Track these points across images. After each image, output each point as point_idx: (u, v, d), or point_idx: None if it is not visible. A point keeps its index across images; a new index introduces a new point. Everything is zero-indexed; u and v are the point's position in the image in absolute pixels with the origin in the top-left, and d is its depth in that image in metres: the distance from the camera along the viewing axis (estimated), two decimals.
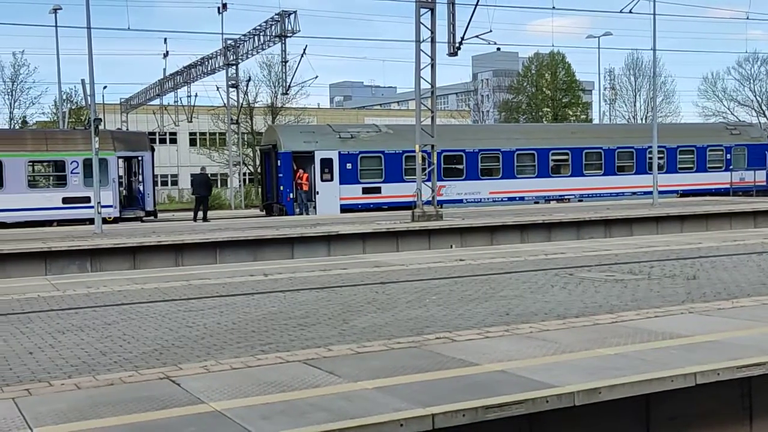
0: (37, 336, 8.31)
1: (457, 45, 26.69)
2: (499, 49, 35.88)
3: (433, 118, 26.81)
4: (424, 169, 26.61)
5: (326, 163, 32.18)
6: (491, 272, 12.86)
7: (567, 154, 36.55)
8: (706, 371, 6.26)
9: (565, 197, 36.43)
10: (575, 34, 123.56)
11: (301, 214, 31.52)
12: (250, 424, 5.15)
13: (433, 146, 26.76)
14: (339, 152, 32.34)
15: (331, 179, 32.21)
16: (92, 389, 6.07)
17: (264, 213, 34.56)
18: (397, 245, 22.70)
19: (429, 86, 26.47)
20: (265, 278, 12.83)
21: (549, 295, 10.28)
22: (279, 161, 32.19)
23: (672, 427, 6.41)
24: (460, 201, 33.40)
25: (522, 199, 35.35)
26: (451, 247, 22.19)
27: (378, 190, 33.01)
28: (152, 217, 31.76)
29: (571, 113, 71.77)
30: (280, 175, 32.23)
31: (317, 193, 32.07)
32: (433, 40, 26.06)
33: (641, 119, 67.55)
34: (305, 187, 31.95)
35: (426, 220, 24.96)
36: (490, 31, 27.70)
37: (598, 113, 70.64)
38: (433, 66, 26.19)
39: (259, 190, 40.20)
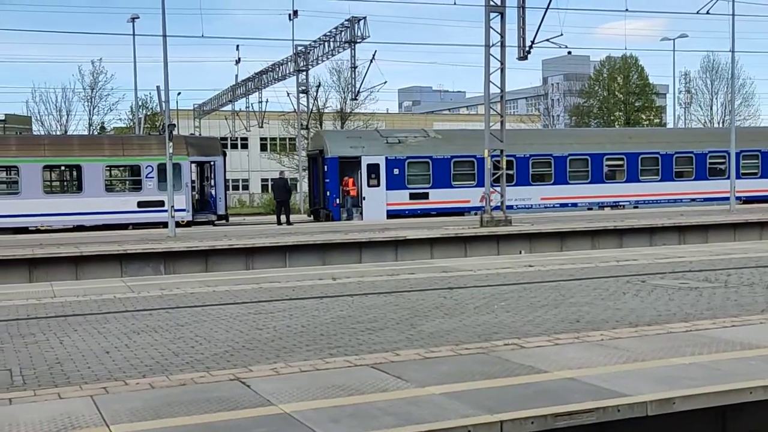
0: (113, 336, 8.54)
1: (527, 49, 26.47)
2: (569, 52, 35.20)
3: (502, 122, 26.63)
4: (493, 174, 26.41)
5: (373, 169, 31.95)
6: (561, 279, 12.71)
7: (622, 159, 35.53)
8: None
9: (620, 204, 35.51)
10: (649, 37, 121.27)
11: (348, 219, 31.48)
12: (319, 426, 5.20)
13: (502, 151, 26.57)
14: (386, 157, 32.09)
15: (378, 185, 31.97)
16: (165, 389, 6.22)
17: (311, 218, 34.68)
18: (465, 250, 22.60)
19: (498, 90, 26.31)
20: (333, 282, 12.92)
21: (620, 303, 10.10)
22: (326, 167, 32.11)
23: None
24: (510, 207, 32.84)
25: (575, 205, 34.51)
26: (520, 252, 21.99)
27: (425, 196, 32.64)
28: (224, 221, 32.31)
29: (644, 117, 70.39)
30: (327, 180, 32.11)
31: (363, 198, 31.86)
32: (502, 45, 25.89)
33: (718, 123, 65.79)
34: (353, 193, 31.86)
35: (494, 225, 24.80)
36: (561, 34, 27.38)
37: (672, 117, 69.13)
38: (502, 70, 26.02)
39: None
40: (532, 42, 26.43)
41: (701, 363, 6.69)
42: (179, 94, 70.11)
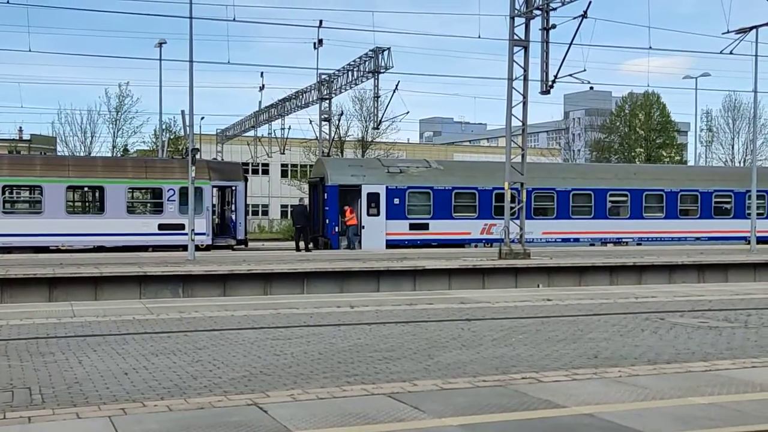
0: (132, 357, 8.58)
1: (549, 83, 26.51)
2: (592, 88, 35.13)
3: (523, 155, 26.66)
4: (512, 208, 26.39)
5: (373, 198, 31.73)
6: (579, 313, 12.65)
7: (626, 195, 35.19)
8: None
9: (623, 240, 35.06)
10: (672, 74, 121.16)
11: (348, 248, 31.10)
12: None
13: (522, 184, 26.56)
14: (386, 187, 31.88)
15: (378, 214, 31.74)
16: (183, 411, 6.23)
17: (312, 245, 34.36)
18: (483, 282, 22.54)
19: (520, 123, 26.37)
20: (351, 310, 12.93)
21: (639, 339, 10.04)
22: (326, 194, 31.91)
23: None
24: (511, 241, 32.49)
25: (576, 240, 34.07)
26: (538, 286, 21.91)
27: (426, 227, 32.34)
28: (243, 246, 32.41)
29: (665, 154, 70.17)
30: (326, 208, 31.88)
31: (363, 227, 31.59)
32: (525, 78, 26.01)
33: (739, 162, 65.47)
34: (350, 222, 31.35)
35: (513, 257, 24.73)
36: (584, 70, 27.38)
37: (693, 155, 68.87)
38: (524, 104, 26.11)
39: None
40: (555, 76, 26.48)
41: (721, 403, 6.63)
42: (203, 118, 70.65)
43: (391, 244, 31.57)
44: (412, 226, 32.27)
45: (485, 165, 40.82)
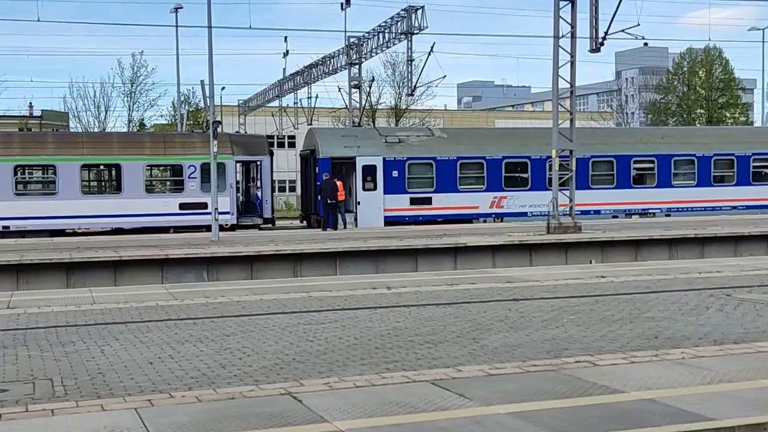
0: (156, 346, 8.72)
1: (600, 40, 26.21)
2: (646, 44, 34.75)
3: (572, 120, 26.45)
4: (560, 177, 26.23)
5: (369, 171, 31.25)
6: (636, 291, 12.58)
7: (652, 161, 34.27)
8: None
9: (650, 211, 34.27)
10: (736, 26, 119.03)
11: (335, 228, 30.67)
12: None
13: (571, 151, 26.36)
14: (384, 158, 31.39)
15: (375, 188, 31.31)
16: (213, 402, 6.33)
17: (305, 224, 34.31)
18: (531, 259, 22.51)
19: (567, 85, 26.13)
20: (388, 291, 12.98)
21: (703, 318, 9.96)
22: (317, 168, 31.54)
23: None
24: (524, 214, 31.50)
25: (598, 212, 33.16)
26: (591, 262, 21.80)
27: (428, 201, 31.84)
28: (270, 225, 32.60)
29: (728, 115, 69.11)
30: (318, 183, 31.28)
31: (358, 203, 31.29)
32: (573, 36, 25.72)
33: None
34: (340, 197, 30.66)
35: (562, 232, 24.61)
36: (638, 24, 27.05)
37: (761, 115, 67.83)
38: (572, 63, 25.84)
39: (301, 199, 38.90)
40: (606, 33, 26.17)
41: None
42: (223, 89, 70.91)
43: (390, 221, 31.20)
44: (413, 201, 31.77)
45: (493, 132, 40.21)
